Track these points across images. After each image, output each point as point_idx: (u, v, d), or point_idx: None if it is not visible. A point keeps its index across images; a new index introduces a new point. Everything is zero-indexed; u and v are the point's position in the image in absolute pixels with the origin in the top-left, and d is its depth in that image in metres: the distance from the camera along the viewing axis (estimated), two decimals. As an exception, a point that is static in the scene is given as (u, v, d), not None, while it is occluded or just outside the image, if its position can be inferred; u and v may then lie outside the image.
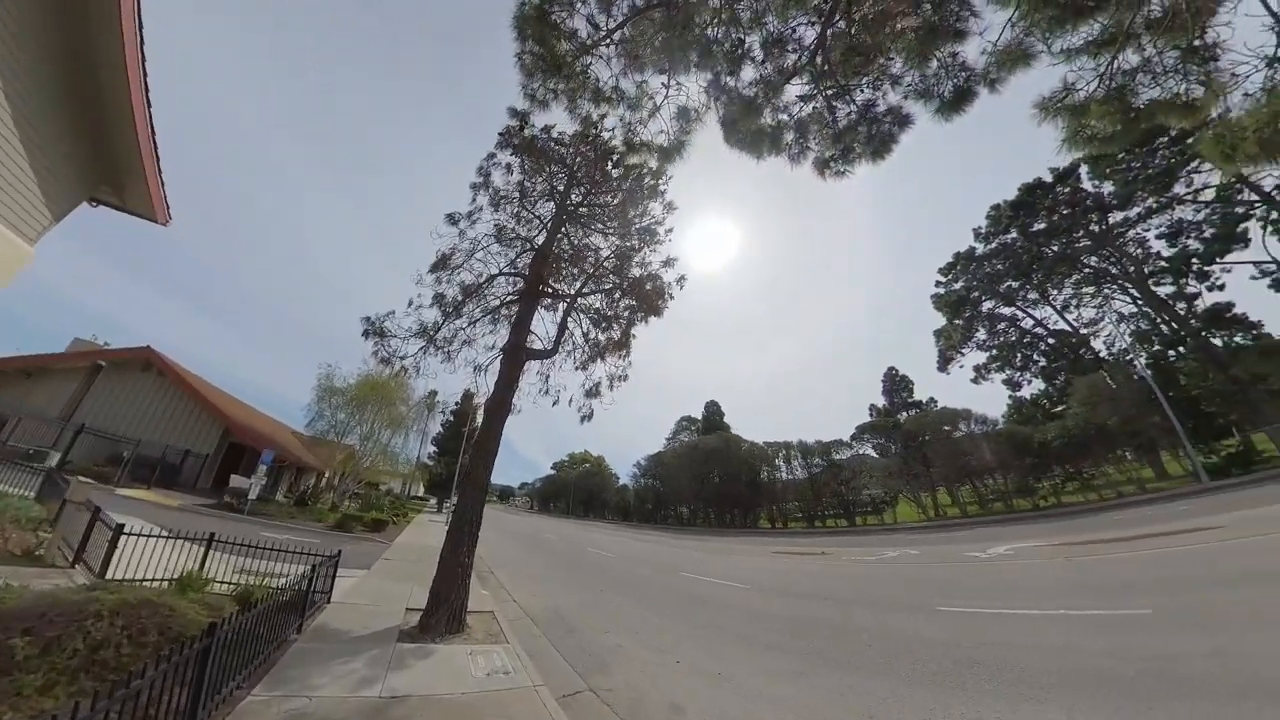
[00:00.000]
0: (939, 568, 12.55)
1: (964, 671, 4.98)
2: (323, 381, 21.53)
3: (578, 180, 11.77)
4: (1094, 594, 7.40)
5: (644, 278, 11.46)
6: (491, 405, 8.39)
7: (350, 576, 9.47)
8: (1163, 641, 5.08)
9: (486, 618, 7.70)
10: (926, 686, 4.72)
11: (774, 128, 5.48)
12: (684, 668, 5.77)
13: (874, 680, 5.00)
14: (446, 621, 6.43)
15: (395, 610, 7.30)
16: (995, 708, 4.14)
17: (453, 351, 11.62)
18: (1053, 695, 4.22)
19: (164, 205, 7.40)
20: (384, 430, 22.35)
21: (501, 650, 6.08)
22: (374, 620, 6.62)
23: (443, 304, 11.27)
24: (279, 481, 25.39)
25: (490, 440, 7.92)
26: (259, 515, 16.94)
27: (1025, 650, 5.40)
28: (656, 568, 15.42)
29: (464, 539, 7.00)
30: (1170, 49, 3.91)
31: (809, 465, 34.94)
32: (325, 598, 6.96)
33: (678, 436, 63.93)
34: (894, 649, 5.96)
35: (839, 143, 5.32)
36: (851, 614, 8.10)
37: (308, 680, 4.45)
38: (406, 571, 11.09)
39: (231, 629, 3.57)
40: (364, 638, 5.86)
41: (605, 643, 7.00)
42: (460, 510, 7.21)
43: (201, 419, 21.82)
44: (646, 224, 12.00)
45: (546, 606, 9.22)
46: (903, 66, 4.79)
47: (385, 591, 8.62)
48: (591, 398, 11.51)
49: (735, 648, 6.59)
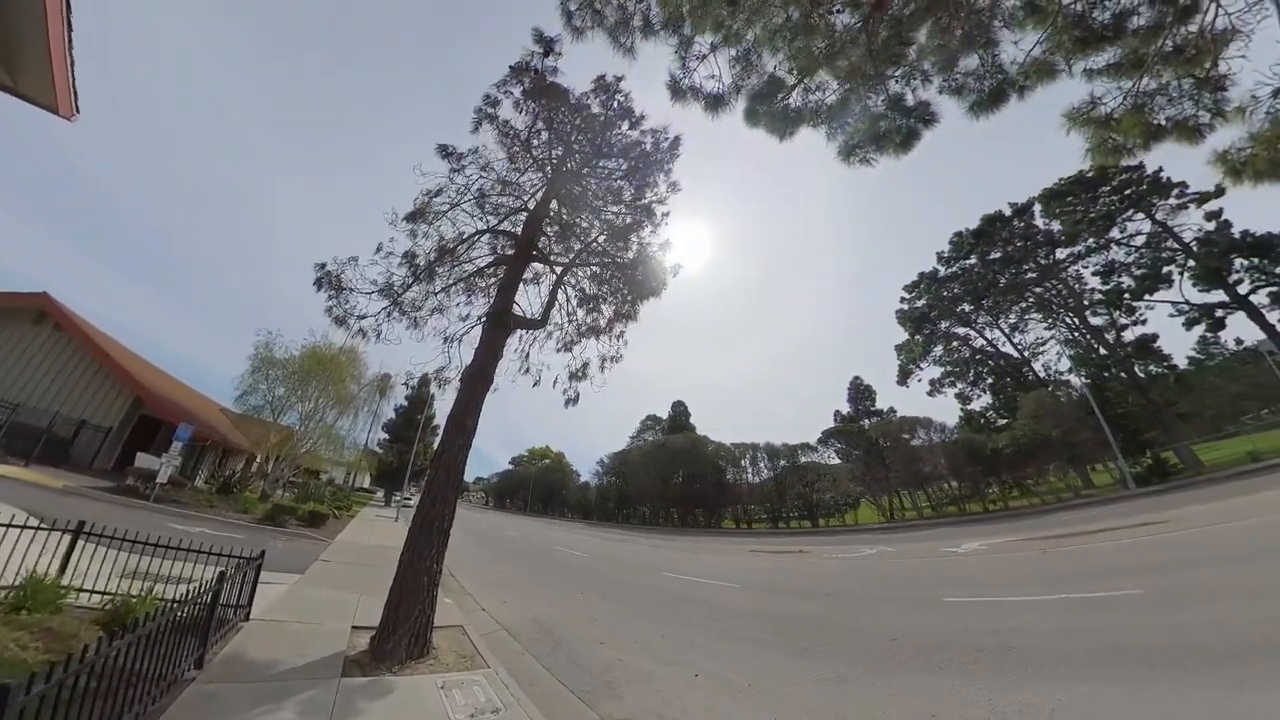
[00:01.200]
0: (924, 562, 12.41)
1: (1000, 658, 4.89)
2: (260, 350, 18.48)
3: (581, 142, 10.46)
4: (1083, 580, 7.54)
5: (641, 257, 10.44)
6: (471, 373, 6.97)
7: (279, 583, 7.70)
8: (1167, 616, 5.26)
9: (454, 634, 6.31)
10: (971, 677, 4.54)
11: (801, 110, 5.18)
12: (705, 681, 5.03)
13: (922, 677, 4.69)
14: (408, 645, 5.02)
15: (338, 630, 5.75)
16: (1048, 689, 4.04)
17: (421, 318, 10.12)
18: (1093, 672, 4.22)
19: (71, 95, 5.47)
20: (330, 409, 19.68)
21: (482, 678, 4.77)
22: (310, 645, 5.08)
23: (413, 263, 9.71)
24: (200, 464, 22.00)
25: (468, 415, 6.51)
26: (170, 503, 14.24)
27: (1047, 634, 5.35)
28: (634, 568, 14.32)
29: (431, 540, 5.58)
30: (1185, 79, 4.09)
31: (775, 467, 35.14)
32: (242, 614, 5.31)
33: (642, 435, 63.08)
34: (923, 643, 5.68)
35: (870, 130, 5.03)
36: (860, 611, 7.65)
37: (204, 749, 3.01)
38: (351, 577, 9.33)
39: (59, 681, 2.14)
40: (296, 671, 4.35)
41: (603, 657, 5.92)
42: (427, 503, 5.77)
43: (107, 385, 18.33)
44: (647, 201, 10.94)
45: (524, 616, 7.89)
46: (935, 63, 4.67)
47: (324, 604, 6.96)
48: (577, 380, 10.41)
49: (754, 654, 5.86)
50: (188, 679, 3.82)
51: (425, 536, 5.54)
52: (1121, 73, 4.29)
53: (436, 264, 9.78)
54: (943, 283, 40.03)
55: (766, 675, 5.13)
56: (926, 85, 4.77)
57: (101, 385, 18.30)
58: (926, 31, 4.51)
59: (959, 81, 4.63)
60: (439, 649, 5.47)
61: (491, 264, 10.22)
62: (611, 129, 10.16)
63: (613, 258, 10.47)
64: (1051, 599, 6.67)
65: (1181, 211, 32.68)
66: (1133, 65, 4.23)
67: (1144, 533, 10.76)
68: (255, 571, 5.45)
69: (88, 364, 18.27)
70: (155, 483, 14.06)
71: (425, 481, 6.00)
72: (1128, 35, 4.15)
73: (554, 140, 10.09)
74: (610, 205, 10.74)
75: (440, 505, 5.78)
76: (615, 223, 10.58)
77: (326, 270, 8.93)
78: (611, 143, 10.28)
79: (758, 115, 5.22)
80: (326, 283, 8.90)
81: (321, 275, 8.93)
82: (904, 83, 4.79)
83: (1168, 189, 33.35)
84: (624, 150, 10.37)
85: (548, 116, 9.81)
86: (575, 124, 10.07)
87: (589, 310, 10.79)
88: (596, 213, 10.74)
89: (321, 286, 8.91)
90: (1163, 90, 4.19)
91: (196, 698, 3.61)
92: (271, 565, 8.21)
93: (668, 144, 10.13)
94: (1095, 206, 35.14)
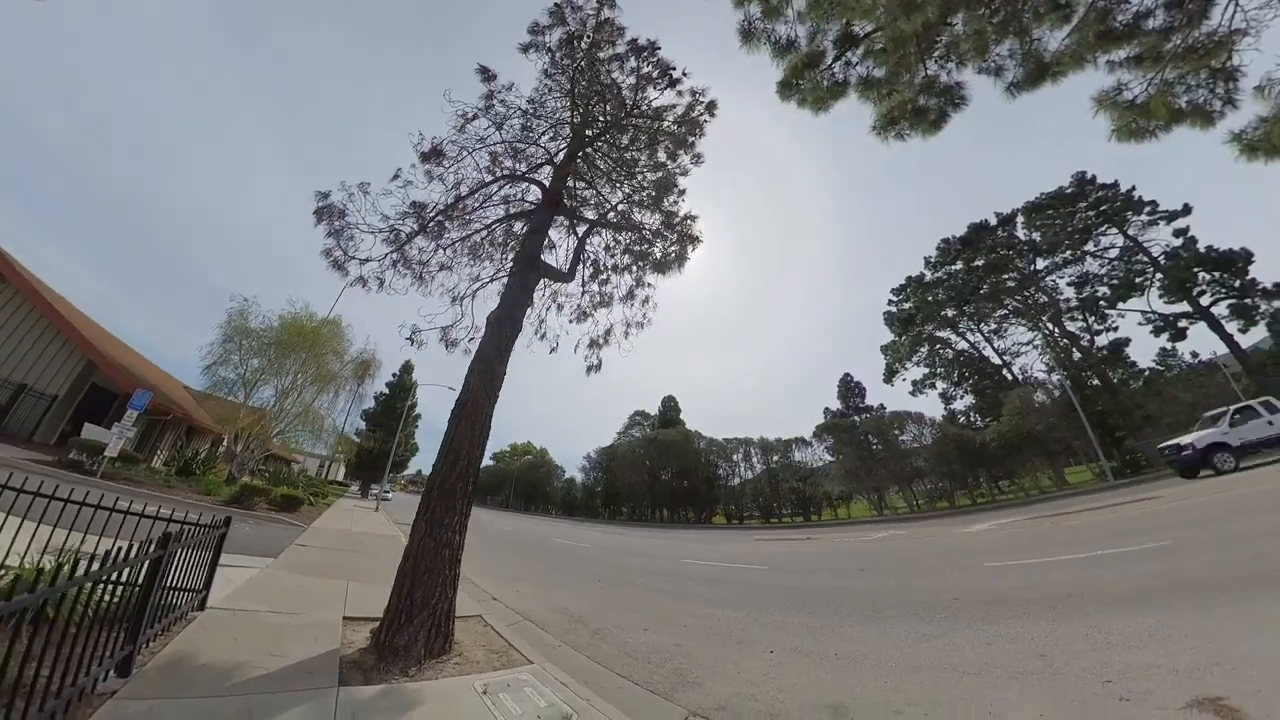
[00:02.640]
0: (942, 540, 11.81)
1: (1074, 602, 4.77)
2: (234, 319, 16.24)
3: (617, 95, 9.44)
4: (1110, 540, 7.40)
5: (667, 224, 9.57)
6: (500, 317, 5.81)
7: (246, 566, 6.19)
8: (1204, 557, 5.33)
9: (474, 625, 4.99)
10: (1056, 620, 4.38)
11: (843, 82, 5.17)
12: (785, 658, 4.34)
13: (1006, 626, 4.47)
14: (427, 638, 3.70)
15: (327, 621, 4.37)
16: (1135, 619, 4.02)
17: (428, 273, 8.93)
18: (1166, 602, 4.24)
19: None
20: (309, 386, 17.62)
21: (530, 676, 3.52)
22: (290, 642, 3.69)
23: (421, 214, 8.47)
24: (160, 443, 19.57)
25: (497, 359, 5.26)
26: (120, 480, 12.22)
27: (1106, 581, 5.30)
28: (647, 557, 13.07)
29: (452, 507, 4.27)
30: (1202, 70, 4.26)
31: (768, 461, 34.49)
32: (195, 600, 3.88)
33: (629, 431, 61.72)
34: (987, 599, 5.48)
35: (907, 107, 5.05)
36: (908, 579, 7.30)
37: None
38: (334, 563, 7.82)
39: None
40: (270, 679, 2.99)
41: (656, 644, 4.82)
42: (448, 462, 4.44)
43: (54, 347, 15.84)
44: (673, 169, 10.05)
45: (546, 606, 6.59)
46: (971, 46, 4.73)
47: (306, 591, 5.51)
48: (597, 348, 9.49)
49: (823, 626, 5.28)
50: (103, 694, 2.46)
51: (445, 502, 4.23)
52: (1143, 66, 4.48)
53: (452, 210, 8.60)
54: (928, 287, 40.41)
55: (849, 643, 4.58)
56: (961, 68, 4.86)
57: (49, 348, 15.85)
58: (963, 15, 4.61)
59: (999, 62, 4.75)
60: (462, 644, 4.17)
61: (515, 215, 9.25)
62: (649, 87, 9.35)
63: (639, 222, 9.68)
64: (1089, 556, 6.58)
65: (1152, 227, 33.84)
66: (1153, 60, 4.42)
67: (1144, 506, 10.66)
68: (216, 540, 4.02)
69: (31, 322, 15.80)
70: (104, 456, 12.03)
71: (444, 437, 4.68)
72: (1145, 34, 4.35)
73: (593, 87, 9.09)
74: (638, 167, 9.95)
75: (464, 464, 4.47)
76: (642, 185, 9.85)
77: (329, 201, 7.52)
78: (648, 100, 9.48)
79: (793, 88, 5.20)
80: (328, 215, 7.50)
81: (323, 206, 7.54)
82: (941, 64, 4.88)
83: (1140, 206, 34.48)
84: (657, 112, 9.60)
85: (592, 56, 8.73)
86: (616, 74, 9.12)
87: (616, 271, 9.96)
88: (626, 171, 9.90)
89: (322, 218, 7.52)
90: (1181, 80, 4.39)
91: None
92: (236, 548, 6.69)
93: (703, 106, 9.40)
94: (1073, 221, 36.11)
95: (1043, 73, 4.63)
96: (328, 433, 19.98)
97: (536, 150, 9.29)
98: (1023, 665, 3.52)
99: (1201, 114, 4.35)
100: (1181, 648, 3.25)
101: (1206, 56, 4.16)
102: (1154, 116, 4.47)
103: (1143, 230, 34.30)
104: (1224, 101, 4.25)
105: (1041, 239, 36.92)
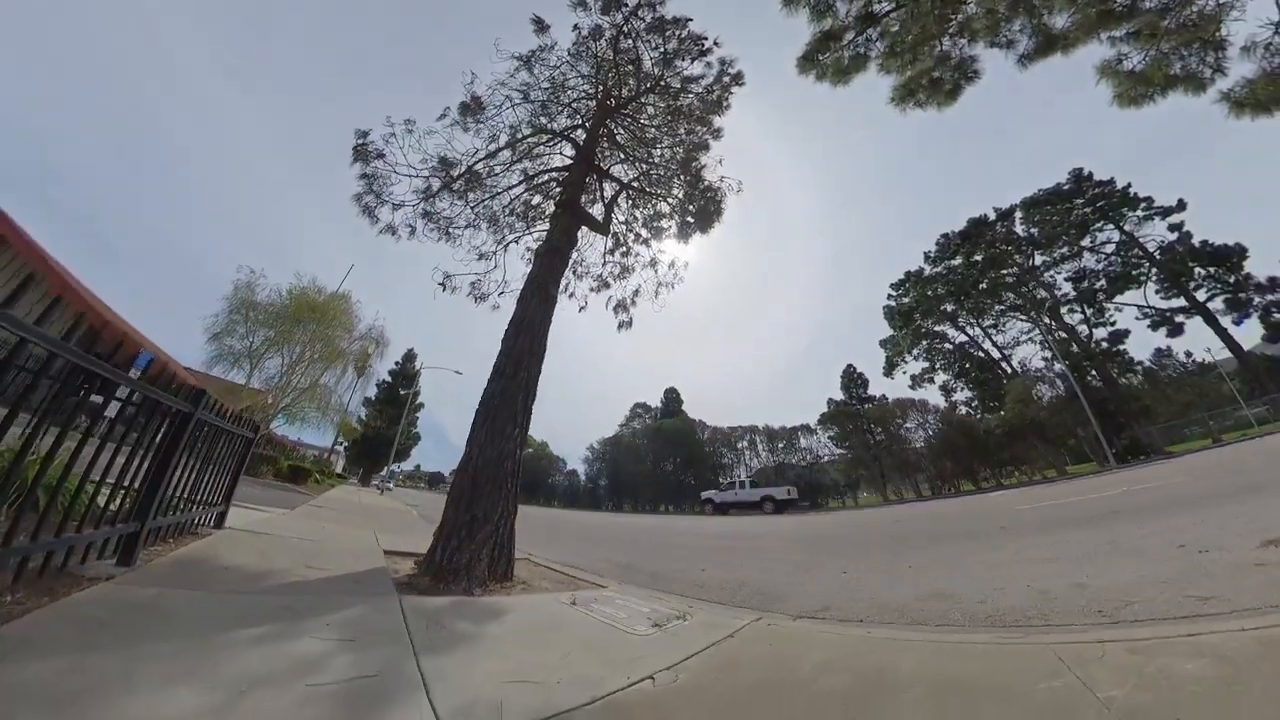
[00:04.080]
0: (964, 504, 11.84)
1: (1107, 517, 4.96)
2: (240, 291, 15.31)
3: (653, 56, 9.26)
4: (1127, 483, 7.75)
5: (696, 189, 9.45)
6: (548, 249, 5.66)
7: (263, 511, 5.51)
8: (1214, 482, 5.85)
9: (524, 565, 4.37)
10: (1098, 528, 4.40)
11: (863, 55, 5.31)
12: (860, 575, 4.08)
13: (1070, 532, 4.56)
14: (490, 557, 3.08)
15: (364, 548, 3.72)
16: (1171, 519, 4.11)
17: (455, 230, 8.60)
18: (1189, 506, 4.57)
19: None
20: (317, 362, 16.67)
21: (612, 594, 2.92)
22: (326, 559, 3.04)
23: (451, 172, 8.12)
24: (159, 422, 18.60)
25: (549, 283, 4.79)
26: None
27: (1133, 503, 5.53)
28: (668, 531, 12.41)
29: (513, 418, 3.62)
30: (1194, 43, 4.53)
31: (774, 449, 34.00)
32: (211, 516, 3.20)
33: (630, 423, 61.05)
34: (1030, 523, 5.56)
35: (924, 77, 5.21)
36: (947, 525, 7.29)
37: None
38: (355, 518, 7.16)
39: None
40: (310, 586, 2.35)
41: (721, 579, 4.40)
42: (508, 372, 3.81)
43: (30, 298, 15.00)
44: (701, 136, 9.85)
45: (590, 558, 5.97)
46: (981, 25, 4.90)
47: (331, 531, 4.85)
48: (622, 312, 9.27)
49: (889, 551, 5.19)
50: (96, 576, 1.81)
51: (507, 409, 3.60)
52: (1140, 40, 4.68)
53: (492, 159, 8.30)
54: (928, 282, 40.15)
55: (918, 560, 4.44)
56: (974, 43, 5.02)
57: (26, 297, 14.93)
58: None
59: (1010, 37, 4.91)
60: (520, 575, 3.54)
61: (547, 170, 9.02)
62: (683, 58, 9.20)
63: (666, 187, 9.34)
64: (1115, 493, 6.60)
65: (1148, 223, 33.80)
66: (1150, 35, 4.61)
67: (1174, 484, 10.37)
68: (241, 448, 3.36)
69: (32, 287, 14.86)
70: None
71: (500, 354, 4.07)
72: (1144, 13, 4.56)
73: (628, 54, 8.88)
74: (667, 134, 9.81)
75: (525, 375, 3.83)
76: (671, 149, 9.74)
77: (367, 141, 6.96)
78: (679, 70, 9.39)
79: (813, 61, 5.29)
80: (365, 154, 6.94)
81: (361, 143, 6.97)
82: (954, 40, 5.00)
83: (1135, 202, 34.43)
84: (685, 82, 9.44)
85: (630, 22, 8.51)
86: (651, 42, 8.90)
87: (647, 227, 9.83)
88: (656, 135, 9.80)
89: (359, 158, 6.99)
90: (1175, 50, 4.63)
91: (101, 604, 1.62)
92: (253, 499, 6.02)
93: (730, 77, 9.26)
94: (1070, 216, 36.03)
95: (1051, 45, 4.83)
96: (334, 409, 19.06)
97: (571, 112, 9.19)
98: (1092, 550, 3.56)
99: (1194, 80, 4.68)
100: (1234, 522, 3.45)
101: (1199, 30, 4.47)
102: (1151, 83, 4.77)
103: (1139, 226, 34.24)
104: (1214, 69, 4.59)
105: (1040, 234, 36.82)
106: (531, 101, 8.66)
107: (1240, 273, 30.35)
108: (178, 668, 1.24)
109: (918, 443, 28.39)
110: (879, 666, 1.61)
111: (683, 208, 9.80)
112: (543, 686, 1.41)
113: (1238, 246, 30.59)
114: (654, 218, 9.92)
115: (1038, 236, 36.68)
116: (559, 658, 1.67)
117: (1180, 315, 32.07)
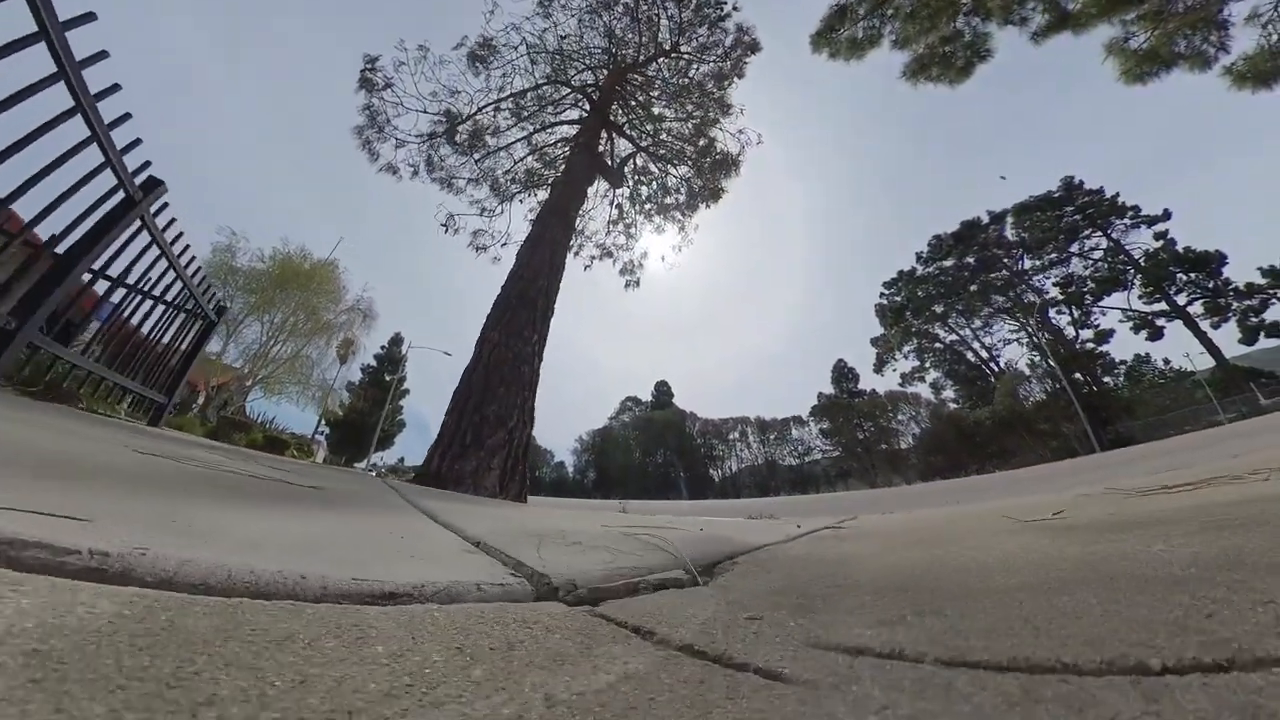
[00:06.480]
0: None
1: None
2: (219, 254, 14.28)
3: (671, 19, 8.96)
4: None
5: (708, 157, 9.35)
6: (568, 180, 5.39)
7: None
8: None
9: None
10: (1104, 475, 4.58)
11: (874, 33, 5.38)
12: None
13: (1060, 481, 5.15)
14: (502, 471, 2.60)
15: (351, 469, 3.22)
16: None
17: (456, 181, 8.23)
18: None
19: None
20: (298, 333, 15.68)
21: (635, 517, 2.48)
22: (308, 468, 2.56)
23: (453, 122, 7.70)
24: (126, 391, 17.48)
25: (573, 206, 4.54)
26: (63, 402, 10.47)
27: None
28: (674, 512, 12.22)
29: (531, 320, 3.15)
30: (1199, 23, 4.65)
31: (765, 440, 34.02)
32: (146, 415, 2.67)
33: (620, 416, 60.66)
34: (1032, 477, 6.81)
35: (935, 56, 5.29)
36: (973, 493, 7.25)
37: None
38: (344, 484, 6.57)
39: None
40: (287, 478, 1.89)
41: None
42: (528, 275, 3.35)
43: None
44: (718, 99, 9.68)
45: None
46: (995, 5, 4.97)
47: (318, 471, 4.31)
48: (628, 274, 9.56)
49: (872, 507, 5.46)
50: None
51: (525, 311, 3.13)
52: (1147, 21, 4.79)
53: (502, 103, 7.87)
54: (919, 282, 40.57)
55: (909, 507, 4.45)
56: (987, 23, 5.07)
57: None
58: None
59: (1023, 14, 4.98)
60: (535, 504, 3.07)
61: (561, 124, 8.68)
62: (701, 25, 8.73)
63: (676, 159, 9.20)
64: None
65: (1134, 231, 34.61)
66: (1156, 17, 4.74)
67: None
68: (200, 331, 2.81)
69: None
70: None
71: (515, 264, 3.60)
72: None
73: (649, 11, 8.59)
74: (681, 102, 9.57)
75: (543, 283, 3.36)
76: (682, 122, 9.34)
77: (375, 67, 6.38)
78: (697, 34, 9.15)
79: (826, 39, 5.32)
80: (372, 83, 6.37)
81: (367, 71, 6.39)
82: (968, 19, 5.05)
83: (1123, 211, 35.22)
84: (702, 46, 9.14)
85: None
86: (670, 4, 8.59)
87: (661, 192, 9.61)
88: (670, 99, 9.47)
89: (364, 87, 6.41)
90: (1179, 30, 4.76)
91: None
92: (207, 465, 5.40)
93: (747, 44, 8.84)
94: (1060, 223, 36.74)
95: (1063, 22, 4.90)
96: (315, 385, 18.15)
97: (586, 69, 8.89)
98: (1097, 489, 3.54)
99: (1199, 57, 4.85)
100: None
101: (1204, 10, 4.63)
102: (1157, 61, 4.93)
103: (1125, 234, 35.04)
104: (1217, 48, 4.77)
105: (1030, 238, 37.46)
106: (548, 50, 8.28)
107: (1219, 278, 31.28)
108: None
109: (909, 438, 28.64)
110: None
111: (690, 179, 9.62)
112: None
113: (1217, 253, 31.49)
114: (661, 190, 9.87)
115: (1028, 241, 37.34)
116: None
117: (1161, 319, 32.97)
